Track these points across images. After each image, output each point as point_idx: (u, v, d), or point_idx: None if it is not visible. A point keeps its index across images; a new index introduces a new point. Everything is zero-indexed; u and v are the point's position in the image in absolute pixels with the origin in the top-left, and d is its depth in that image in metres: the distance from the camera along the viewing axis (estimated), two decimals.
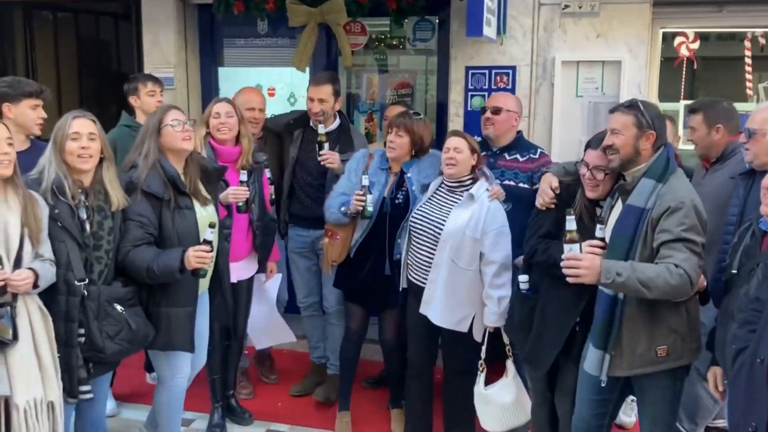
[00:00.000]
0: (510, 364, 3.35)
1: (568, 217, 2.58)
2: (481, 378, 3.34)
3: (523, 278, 3.10)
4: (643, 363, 2.63)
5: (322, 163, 3.89)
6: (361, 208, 3.50)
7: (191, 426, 3.94)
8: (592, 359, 2.71)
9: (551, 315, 2.97)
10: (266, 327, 4.11)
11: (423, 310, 3.40)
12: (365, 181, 3.50)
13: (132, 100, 4.14)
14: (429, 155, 3.65)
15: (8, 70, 5.86)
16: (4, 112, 3.30)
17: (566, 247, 2.56)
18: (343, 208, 3.59)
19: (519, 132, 3.88)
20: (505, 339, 3.34)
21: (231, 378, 4.03)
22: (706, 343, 2.73)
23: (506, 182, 3.63)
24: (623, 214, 2.64)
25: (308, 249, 4.20)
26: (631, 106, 2.68)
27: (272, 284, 4.06)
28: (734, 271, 2.47)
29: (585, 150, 2.90)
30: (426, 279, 3.39)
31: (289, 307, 4.45)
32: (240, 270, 3.73)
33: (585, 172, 2.83)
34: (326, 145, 3.89)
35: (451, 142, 3.37)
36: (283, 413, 4.11)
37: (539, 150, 3.82)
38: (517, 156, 3.75)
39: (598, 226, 2.69)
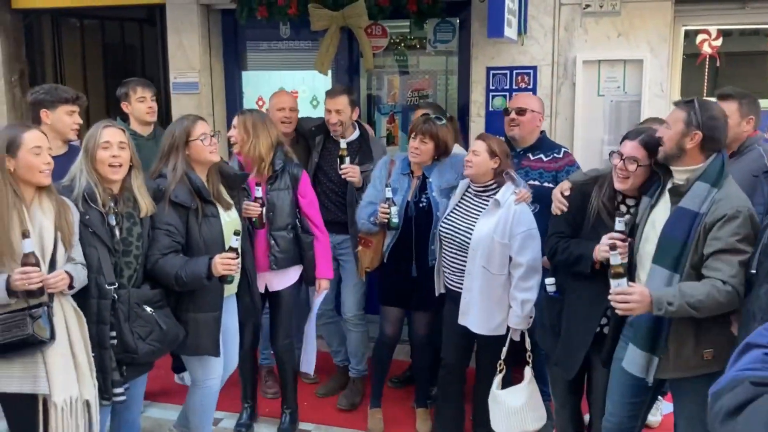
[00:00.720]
0: (528, 371, 3.36)
1: (612, 252, 2.56)
2: (497, 378, 3.36)
3: (549, 281, 3.11)
4: (690, 366, 2.60)
5: (343, 176, 3.94)
6: (386, 220, 3.54)
7: (219, 425, 4.01)
8: (636, 361, 2.66)
9: (577, 315, 2.97)
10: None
11: (462, 321, 3.41)
12: (388, 194, 3.53)
13: (123, 106, 4.07)
14: (449, 157, 3.67)
15: (37, 76, 5.98)
16: (41, 118, 3.41)
17: (613, 282, 2.55)
18: (372, 218, 3.64)
19: (542, 132, 3.90)
20: (527, 344, 3.36)
21: (289, 393, 3.95)
22: None
23: (531, 182, 3.64)
24: (675, 216, 2.60)
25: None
26: (688, 102, 2.64)
27: (318, 301, 3.91)
28: (753, 271, 2.45)
29: (622, 141, 2.88)
30: (460, 284, 3.42)
31: None
32: (269, 280, 3.70)
33: (617, 162, 2.80)
34: (347, 159, 3.93)
35: (472, 144, 3.42)
36: (309, 413, 4.15)
37: (563, 149, 3.83)
38: (542, 156, 3.76)
39: (617, 219, 2.71)
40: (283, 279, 3.75)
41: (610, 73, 4.40)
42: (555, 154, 3.76)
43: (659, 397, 3.06)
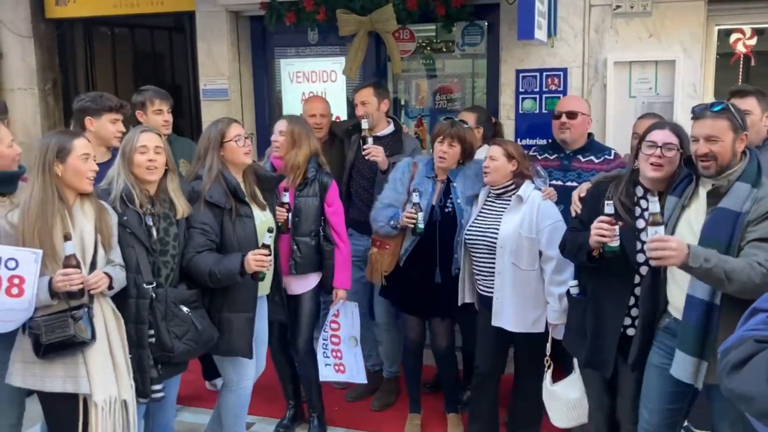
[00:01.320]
0: (575, 362, 3.30)
1: (650, 198, 2.56)
2: (548, 374, 3.34)
3: (572, 283, 3.10)
4: None
5: (365, 156, 3.92)
6: (412, 225, 3.51)
7: (251, 429, 4.02)
8: (685, 367, 2.58)
9: (602, 313, 2.95)
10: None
11: (495, 322, 3.39)
12: (416, 198, 3.50)
13: (138, 115, 3.95)
14: (474, 163, 3.63)
15: (70, 83, 6.10)
16: (86, 125, 3.46)
17: (650, 229, 2.48)
18: (392, 222, 3.59)
19: (591, 134, 3.88)
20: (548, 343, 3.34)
21: (313, 396, 3.92)
22: None
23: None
24: (716, 217, 2.54)
25: (361, 259, 4.15)
26: (724, 109, 2.55)
27: (348, 321, 3.83)
28: None
29: (643, 136, 2.83)
30: (491, 289, 3.40)
31: None
32: (289, 284, 3.68)
33: (653, 151, 2.74)
34: (370, 140, 3.92)
35: (489, 151, 3.42)
36: (340, 417, 4.14)
37: (613, 151, 3.80)
38: (592, 158, 3.74)
39: (606, 202, 2.73)
40: (303, 283, 3.74)
41: (642, 75, 4.36)
42: (606, 156, 3.74)
43: None
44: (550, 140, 3.89)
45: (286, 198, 3.48)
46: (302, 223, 3.61)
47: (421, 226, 3.50)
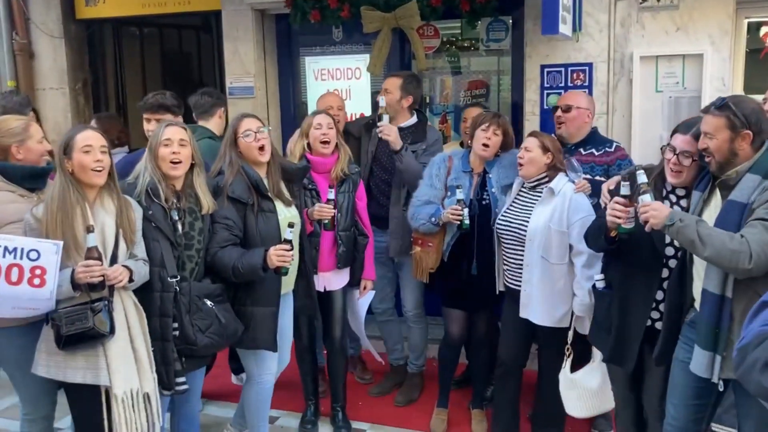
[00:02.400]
0: (595, 351, 3.29)
1: (638, 172, 2.62)
2: (567, 363, 3.32)
3: (598, 276, 3.08)
4: None
5: (378, 134, 3.92)
6: (458, 222, 3.49)
7: (276, 423, 4.05)
8: (700, 361, 2.58)
9: (628, 307, 2.93)
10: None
11: (523, 314, 3.38)
12: (460, 195, 3.47)
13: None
14: (509, 154, 3.63)
15: (99, 83, 6.21)
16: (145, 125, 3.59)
17: (640, 198, 2.60)
18: (434, 219, 3.58)
19: (594, 128, 3.85)
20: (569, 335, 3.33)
21: (339, 390, 4.00)
22: None
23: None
24: (726, 210, 2.54)
25: (384, 255, 4.21)
26: (723, 106, 2.54)
27: (363, 302, 3.98)
28: None
29: (672, 135, 2.83)
30: (518, 281, 3.40)
31: None
32: (329, 280, 3.77)
33: (671, 156, 2.75)
34: (385, 117, 3.91)
35: (525, 142, 3.41)
36: (364, 412, 4.17)
37: (615, 144, 3.78)
38: (593, 150, 3.73)
39: (622, 183, 2.76)
40: (341, 278, 3.83)
41: (669, 69, 4.31)
42: (606, 148, 3.73)
43: None
44: (553, 134, 3.82)
45: (331, 195, 3.50)
46: (343, 219, 3.70)
47: (467, 222, 3.48)
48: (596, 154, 3.71)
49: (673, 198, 2.84)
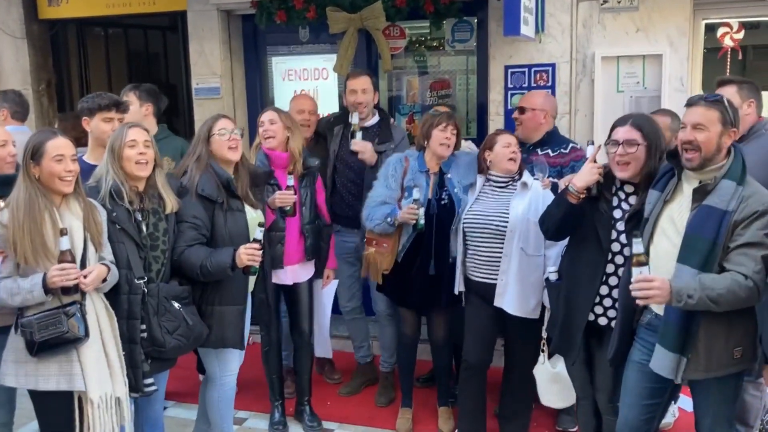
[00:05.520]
0: None
1: (634, 240, 2.47)
2: (544, 357, 3.38)
3: (551, 268, 3.19)
4: (720, 365, 2.54)
5: (352, 148, 3.96)
6: (413, 221, 3.51)
7: (244, 425, 4.04)
8: (664, 362, 2.58)
9: (571, 298, 3.00)
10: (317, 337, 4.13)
11: (497, 302, 3.42)
12: (416, 194, 3.49)
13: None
14: (464, 155, 3.69)
15: (64, 84, 6.12)
16: (84, 125, 3.41)
17: (635, 270, 2.45)
18: (389, 219, 3.59)
19: (554, 128, 3.90)
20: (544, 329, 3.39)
21: (305, 384, 4.03)
22: None
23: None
24: (701, 215, 2.51)
25: (352, 255, 4.22)
26: (717, 101, 2.53)
27: (327, 292, 4.03)
28: None
29: (611, 131, 2.86)
30: (493, 275, 3.43)
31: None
32: (296, 273, 3.81)
33: (616, 149, 2.77)
34: (359, 135, 3.96)
35: (509, 138, 3.49)
36: (333, 412, 4.17)
37: (571, 145, 3.84)
38: (549, 151, 3.79)
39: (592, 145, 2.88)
40: (308, 270, 3.89)
41: (629, 69, 4.40)
42: (562, 150, 3.78)
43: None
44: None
45: (292, 181, 3.53)
46: (308, 212, 3.75)
47: (422, 221, 3.51)
48: (551, 155, 3.76)
49: (622, 195, 2.88)
